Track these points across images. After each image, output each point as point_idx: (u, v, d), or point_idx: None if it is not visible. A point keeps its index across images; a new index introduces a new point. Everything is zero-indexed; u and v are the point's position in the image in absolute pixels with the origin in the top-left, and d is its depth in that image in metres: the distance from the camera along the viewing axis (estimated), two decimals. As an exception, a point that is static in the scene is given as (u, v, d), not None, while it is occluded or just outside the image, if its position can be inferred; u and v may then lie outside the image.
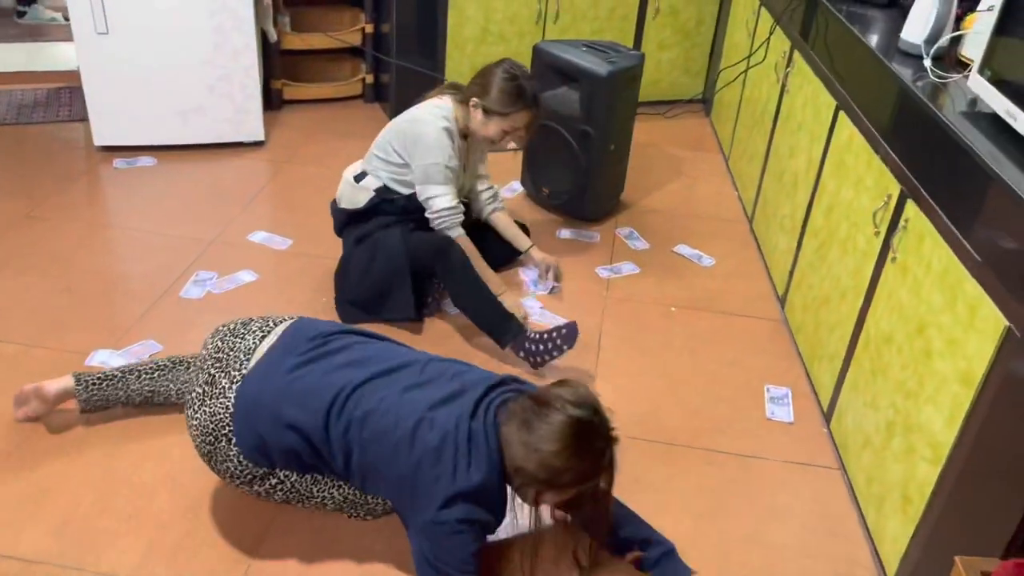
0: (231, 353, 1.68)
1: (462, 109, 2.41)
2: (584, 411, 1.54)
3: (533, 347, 2.24)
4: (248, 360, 1.67)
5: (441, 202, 2.37)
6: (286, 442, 1.61)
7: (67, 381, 1.92)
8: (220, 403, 1.62)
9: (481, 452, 1.56)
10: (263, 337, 1.72)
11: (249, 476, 1.65)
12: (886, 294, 1.88)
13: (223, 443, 1.62)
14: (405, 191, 2.41)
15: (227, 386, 1.63)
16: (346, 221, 2.46)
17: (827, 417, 2.17)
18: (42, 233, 2.68)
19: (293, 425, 1.60)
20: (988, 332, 1.46)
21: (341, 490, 1.70)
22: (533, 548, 1.70)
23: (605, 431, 1.56)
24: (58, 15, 4.28)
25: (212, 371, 1.67)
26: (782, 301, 2.61)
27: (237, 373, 1.65)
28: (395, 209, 2.41)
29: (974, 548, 1.42)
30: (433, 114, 2.38)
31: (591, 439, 1.55)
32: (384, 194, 2.40)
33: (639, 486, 1.95)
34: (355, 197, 2.43)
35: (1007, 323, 1.41)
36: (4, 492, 1.78)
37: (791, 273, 2.54)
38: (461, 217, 2.42)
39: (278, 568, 1.68)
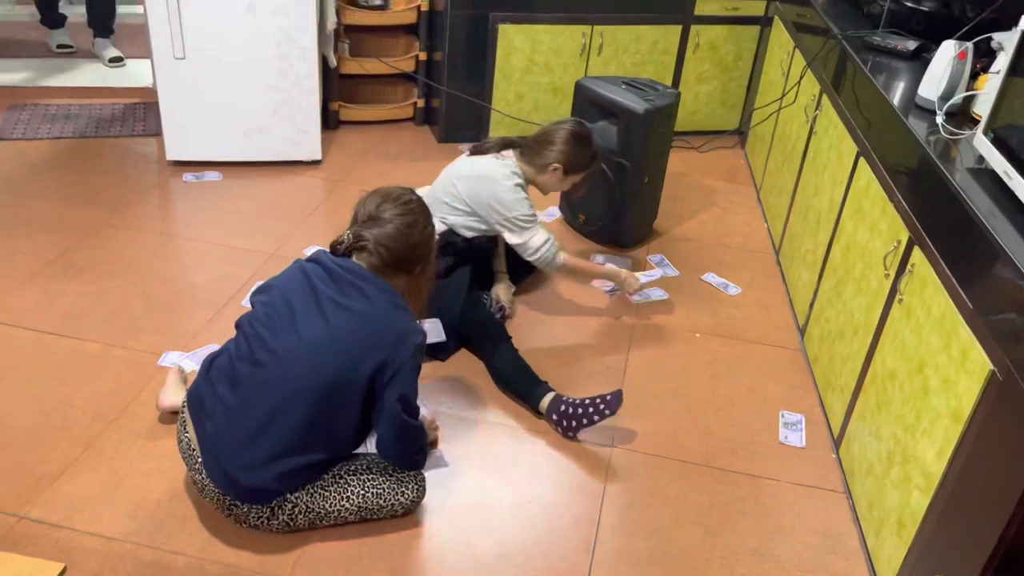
0: None
1: (524, 163, 2.60)
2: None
3: (571, 410, 2.25)
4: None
5: (536, 240, 2.55)
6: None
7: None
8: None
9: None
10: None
11: (267, 513, 1.83)
12: (892, 333, 2.02)
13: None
14: (469, 235, 2.59)
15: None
16: None
17: (836, 444, 2.31)
18: (120, 241, 2.93)
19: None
20: (976, 374, 1.61)
21: (351, 500, 1.88)
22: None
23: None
24: (118, 54, 4.31)
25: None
26: (802, 332, 2.76)
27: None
28: (457, 251, 2.58)
29: (956, 570, 1.56)
30: (503, 173, 2.53)
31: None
32: (449, 236, 2.56)
33: (655, 499, 2.11)
34: None
35: (991, 367, 1.56)
36: (88, 477, 2.01)
37: (811, 306, 2.68)
38: (558, 243, 2.61)
39: (328, 556, 1.88)
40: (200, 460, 1.83)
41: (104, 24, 4.31)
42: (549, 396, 2.30)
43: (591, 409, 2.23)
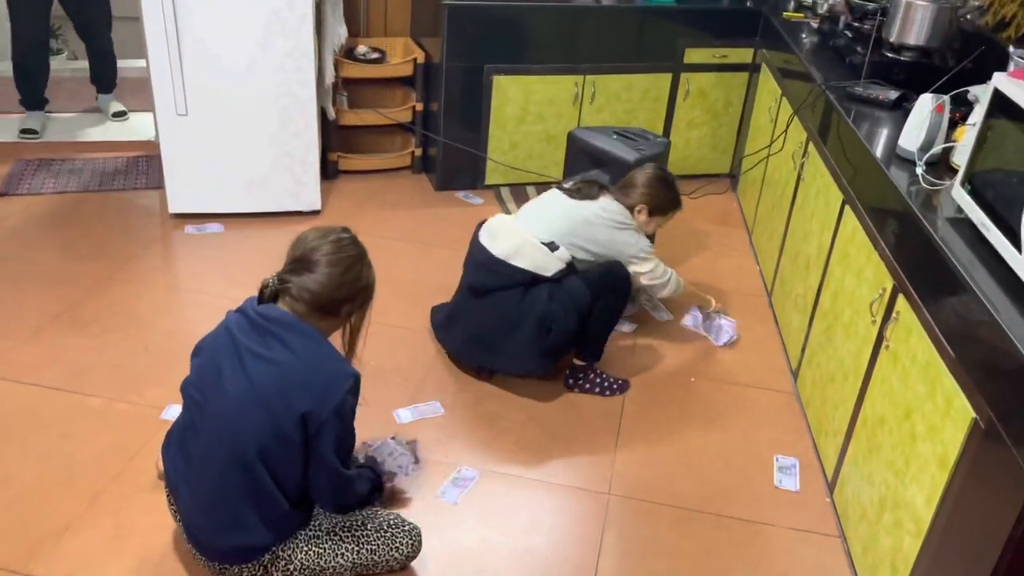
0: None
1: (615, 202, 2.72)
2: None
3: (588, 373, 2.70)
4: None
5: (659, 269, 2.76)
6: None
7: None
8: None
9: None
10: None
11: (261, 571, 1.85)
12: (881, 379, 2.06)
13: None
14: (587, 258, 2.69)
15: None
16: (530, 282, 2.59)
17: (831, 488, 2.34)
18: (123, 294, 2.98)
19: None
20: (959, 422, 1.65)
21: (346, 556, 1.89)
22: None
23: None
24: (121, 108, 4.38)
25: None
26: (795, 375, 2.80)
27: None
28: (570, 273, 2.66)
29: (946, 617, 1.59)
30: (613, 216, 2.68)
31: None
32: (571, 266, 2.63)
33: (651, 548, 2.14)
34: (547, 264, 2.57)
35: (974, 415, 1.60)
36: (92, 533, 2.04)
37: (803, 350, 2.73)
38: (671, 270, 2.82)
39: (327, 609, 1.90)
40: (184, 530, 1.87)
41: (107, 80, 4.36)
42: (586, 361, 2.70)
43: (602, 382, 2.70)
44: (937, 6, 2.76)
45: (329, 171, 3.92)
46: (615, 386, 2.72)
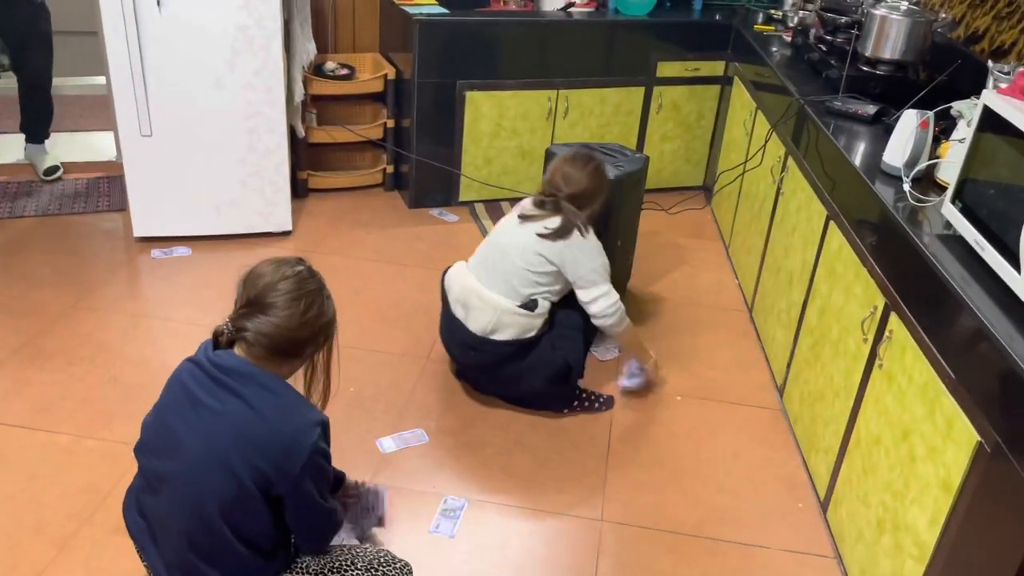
0: None
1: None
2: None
3: (581, 394, 2.69)
4: None
5: (612, 296, 2.52)
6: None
7: None
8: None
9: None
10: None
11: None
12: (874, 398, 2.05)
13: None
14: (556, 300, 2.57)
15: None
16: (513, 352, 2.49)
17: (823, 507, 2.32)
18: (89, 324, 2.87)
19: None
20: (963, 445, 1.63)
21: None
22: None
23: None
24: (54, 164, 3.83)
25: None
26: (780, 391, 2.78)
27: None
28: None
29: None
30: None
31: None
32: (547, 313, 2.52)
33: (649, 575, 2.09)
34: (532, 326, 2.48)
35: (978, 438, 1.58)
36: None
37: (788, 366, 2.71)
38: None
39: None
40: None
41: (39, 129, 3.79)
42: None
43: (590, 399, 2.69)
44: (912, 20, 2.77)
45: (299, 190, 3.83)
46: (601, 400, 2.69)
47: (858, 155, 2.40)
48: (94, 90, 4.74)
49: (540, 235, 2.46)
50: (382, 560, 1.89)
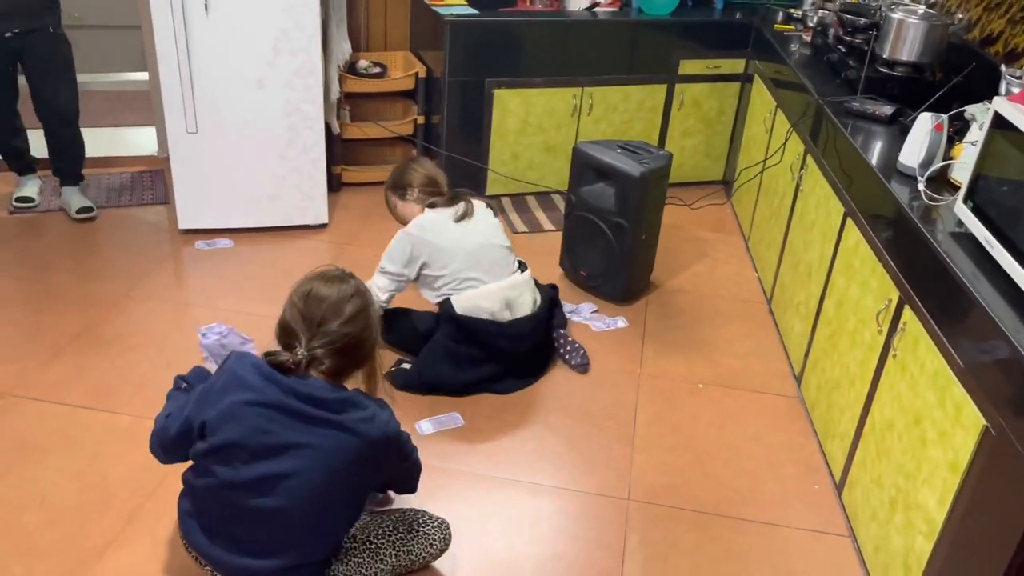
0: None
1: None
2: None
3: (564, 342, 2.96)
4: None
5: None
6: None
7: None
8: None
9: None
10: None
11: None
12: (888, 385, 2.17)
13: None
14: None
15: None
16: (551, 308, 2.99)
17: (839, 488, 2.45)
18: (140, 312, 3.03)
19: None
20: (970, 429, 1.75)
21: (385, 561, 1.97)
22: None
23: None
24: (87, 204, 3.61)
25: None
26: (798, 380, 2.91)
27: None
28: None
29: (961, 612, 1.70)
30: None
31: None
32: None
33: (674, 550, 2.23)
34: (533, 289, 2.88)
35: (984, 422, 1.71)
36: (132, 551, 2.09)
37: (806, 355, 2.83)
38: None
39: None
40: None
41: (73, 170, 3.63)
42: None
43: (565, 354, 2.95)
44: (928, 23, 2.87)
45: (333, 184, 3.98)
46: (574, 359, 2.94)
47: (875, 155, 2.51)
48: (133, 86, 4.90)
49: (490, 210, 2.86)
50: (422, 520, 2.06)
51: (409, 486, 2.13)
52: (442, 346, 2.70)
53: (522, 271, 2.84)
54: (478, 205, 2.83)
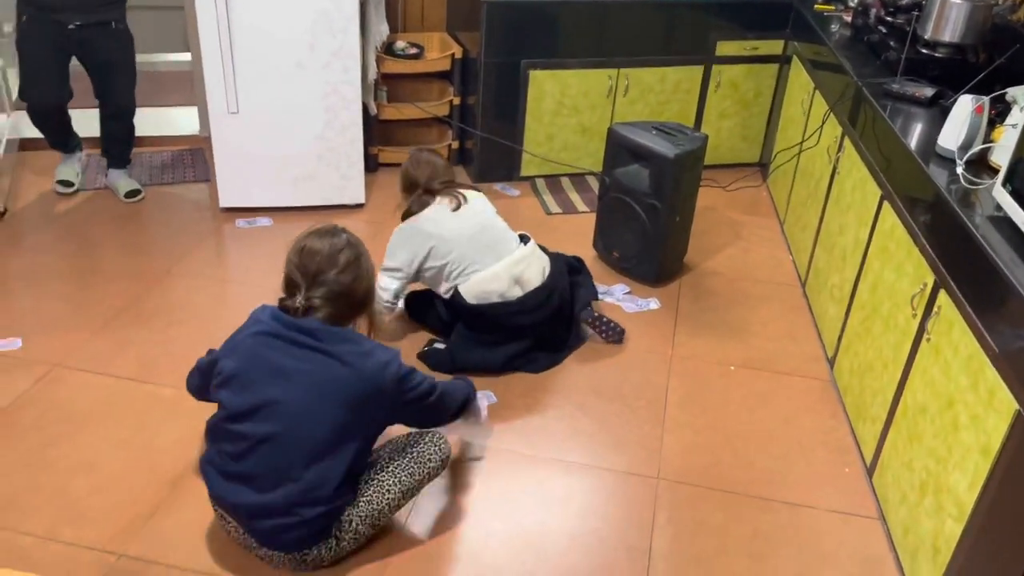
0: None
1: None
2: None
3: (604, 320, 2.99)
4: None
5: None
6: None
7: None
8: None
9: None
10: None
11: (334, 543, 2.02)
12: (921, 369, 2.17)
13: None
14: None
15: None
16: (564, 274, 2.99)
17: (870, 472, 2.45)
18: (183, 288, 3.11)
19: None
20: (1003, 413, 1.75)
21: (392, 490, 2.06)
22: None
23: None
24: (135, 187, 3.72)
25: None
26: (831, 363, 2.90)
27: None
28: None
29: (989, 594, 1.70)
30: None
31: None
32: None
33: (702, 529, 2.26)
34: (543, 258, 2.92)
35: (1017, 407, 1.70)
36: (177, 516, 2.18)
37: (840, 338, 2.83)
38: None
39: (401, 588, 2.03)
40: (255, 542, 1.99)
41: (121, 154, 3.73)
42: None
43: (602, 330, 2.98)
44: (972, 4, 2.82)
45: (370, 164, 4.02)
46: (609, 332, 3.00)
47: (914, 137, 2.49)
48: (174, 67, 4.99)
49: (481, 193, 2.91)
50: (413, 441, 2.17)
51: (435, 422, 2.21)
52: (465, 336, 2.77)
53: (524, 243, 2.84)
54: (470, 192, 2.85)
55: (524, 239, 2.86)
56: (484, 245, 2.74)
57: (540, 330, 2.82)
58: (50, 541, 2.08)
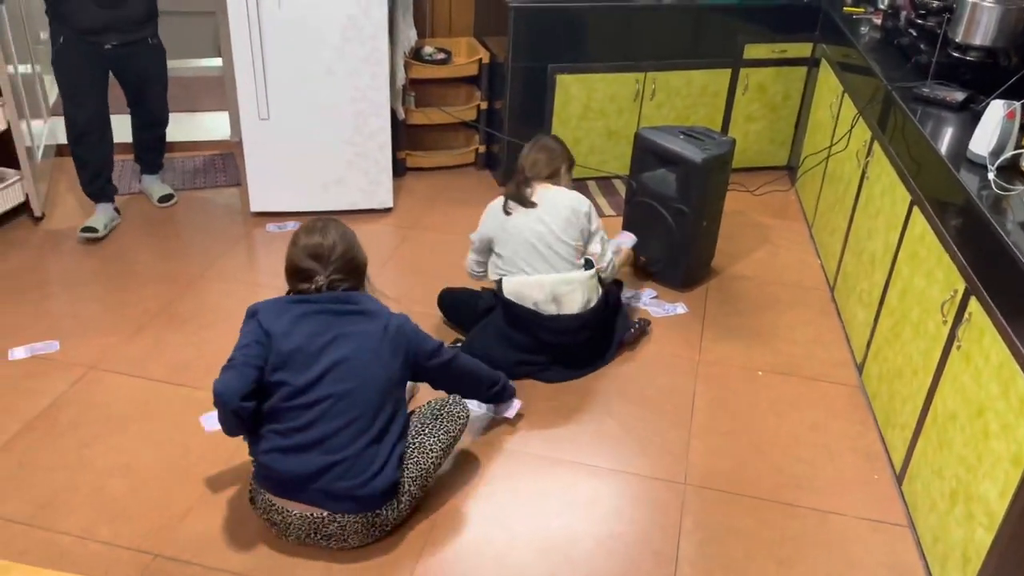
0: None
1: (552, 182, 2.91)
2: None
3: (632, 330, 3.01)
4: None
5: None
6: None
7: None
8: None
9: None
10: None
11: (396, 503, 2.16)
12: (952, 377, 2.15)
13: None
14: None
15: None
16: (606, 308, 2.93)
17: (899, 479, 2.44)
18: (215, 292, 3.17)
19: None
20: (1034, 422, 1.74)
21: (433, 450, 2.23)
22: None
23: None
24: (168, 192, 3.81)
25: None
26: (860, 368, 2.89)
27: None
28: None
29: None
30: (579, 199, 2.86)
31: None
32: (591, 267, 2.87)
33: (729, 534, 2.26)
34: (597, 283, 2.85)
35: (1049, 416, 1.69)
36: (211, 516, 2.22)
37: (868, 344, 2.81)
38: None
39: (430, 590, 2.06)
40: (326, 515, 2.07)
41: (155, 156, 3.80)
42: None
43: (636, 325, 3.03)
44: (1004, 7, 2.79)
45: (397, 168, 4.06)
46: (640, 323, 3.05)
47: (944, 142, 2.47)
48: (206, 72, 5.07)
49: (567, 192, 2.84)
50: (438, 405, 2.34)
51: (469, 389, 2.45)
52: (494, 324, 2.80)
53: (586, 269, 2.80)
54: (555, 196, 2.80)
55: (588, 265, 2.81)
56: (538, 253, 2.75)
57: (557, 352, 2.82)
58: (88, 540, 2.14)
